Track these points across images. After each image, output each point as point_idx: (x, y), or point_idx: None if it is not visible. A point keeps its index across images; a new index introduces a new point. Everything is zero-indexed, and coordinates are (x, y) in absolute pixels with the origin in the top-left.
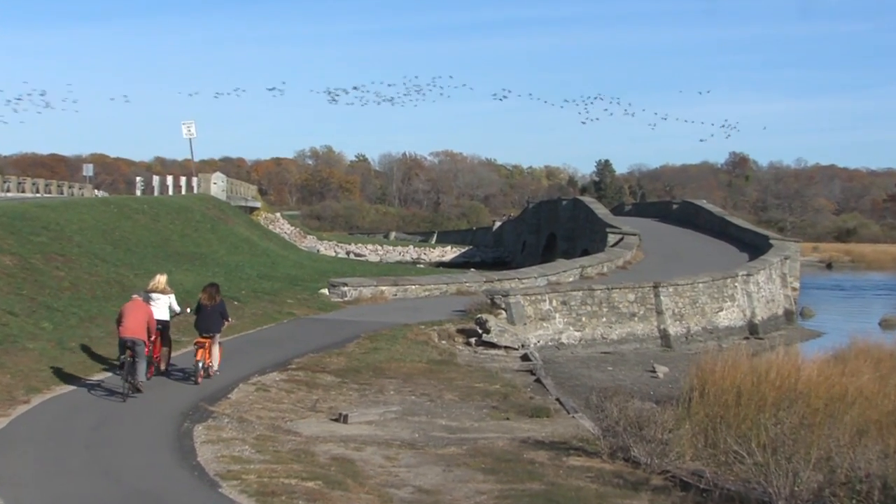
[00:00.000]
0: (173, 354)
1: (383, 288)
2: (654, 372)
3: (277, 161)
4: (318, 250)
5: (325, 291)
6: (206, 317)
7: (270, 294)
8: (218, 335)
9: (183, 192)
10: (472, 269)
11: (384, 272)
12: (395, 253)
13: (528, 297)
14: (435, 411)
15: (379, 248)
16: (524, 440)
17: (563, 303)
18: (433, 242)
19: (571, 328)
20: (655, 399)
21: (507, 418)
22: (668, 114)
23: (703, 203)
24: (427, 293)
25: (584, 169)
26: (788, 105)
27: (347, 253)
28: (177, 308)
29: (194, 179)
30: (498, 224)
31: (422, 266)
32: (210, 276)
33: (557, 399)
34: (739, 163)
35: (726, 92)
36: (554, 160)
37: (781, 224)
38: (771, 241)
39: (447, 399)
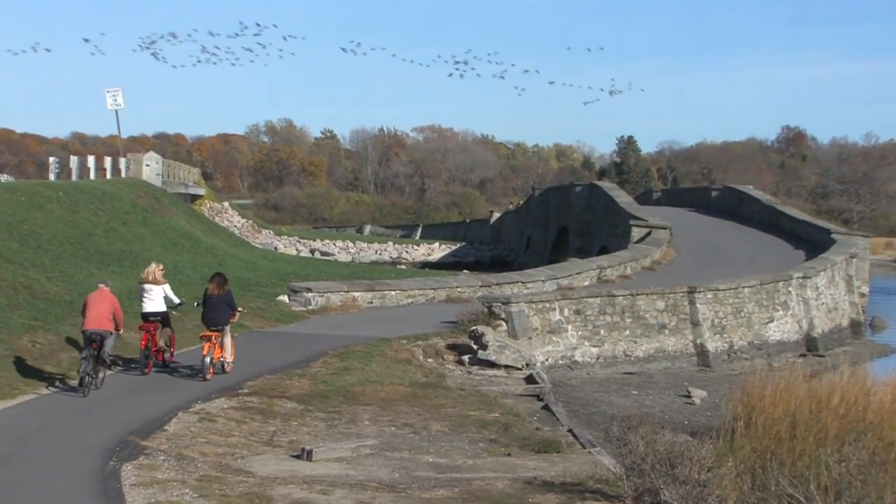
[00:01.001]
0: (190, 349)
1: (356, 294)
2: (688, 397)
3: (225, 138)
4: (275, 248)
5: (285, 299)
6: (213, 308)
7: None
8: (227, 327)
9: (108, 175)
10: (465, 271)
11: (357, 275)
12: (370, 251)
13: (533, 306)
14: (420, 445)
15: (351, 245)
16: (529, 481)
17: (577, 312)
18: (417, 238)
19: (587, 343)
20: (691, 430)
21: (509, 454)
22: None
23: (749, 189)
24: (410, 300)
25: (603, 147)
26: (852, 68)
27: (312, 251)
28: (175, 299)
29: (122, 161)
30: (497, 216)
31: (403, 267)
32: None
33: (570, 430)
34: (794, 140)
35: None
36: (565, 137)
37: (846, 215)
38: (833, 236)
39: (435, 430)
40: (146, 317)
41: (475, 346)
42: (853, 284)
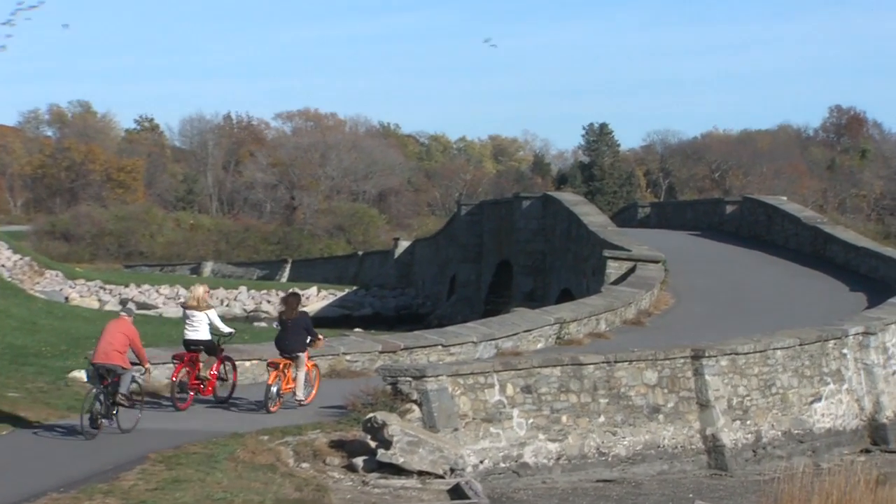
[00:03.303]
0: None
1: None
2: None
3: None
4: (66, 298)
5: (81, 375)
6: (285, 333)
7: None
8: (303, 355)
9: None
10: (358, 330)
11: None
12: (213, 302)
13: (461, 381)
14: None
15: (184, 292)
16: None
17: (527, 390)
18: (284, 280)
19: (542, 436)
20: None
21: None
22: None
23: (782, 202)
24: None
25: (564, 141)
26: None
27: (124, 302)
28: (223, 327)
29: None
30: (405, 246)
31: (264, 325)
32: None
33: None
34: (849, 127)
35: None
36: (507, 128)
37: None
38: None
39: None
40: (188, 345)
41: (373, 444)
42: None
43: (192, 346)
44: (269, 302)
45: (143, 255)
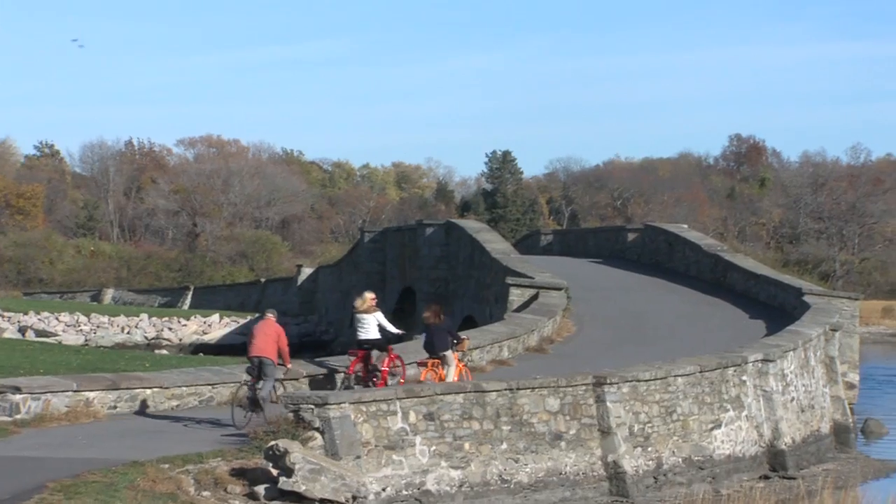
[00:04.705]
0: None
1: (91, 395)
2: None
3: None
4: None
5: None
6: (431, 336)
7: None
8: (448, 354)
9: None
10: None
11: (93, 365)
12: (113, 329)
13: (363, 409)
14: None
15: (84, 319)
16: None
17: (429, 417)
18: (186, 308)
19: (445, 463)
20: None
21: None
22: None
23: (683, 230)
24: (175, 403)
25: (467, 169)
26: (831, 49)
27: (22, 330)
28: (392, 329)
29: None
30: (308, 273)
31: (165, 353)
32: None
33: None
34: (748, 155)
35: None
36: (411, 155)
37: (826, 267)
38: (807, 299)
39: None
40: (360, 344)
41: (275, 472)
42: (836, 370)
43: (364, 344)
44: (170, 329)
45: (42, 282)
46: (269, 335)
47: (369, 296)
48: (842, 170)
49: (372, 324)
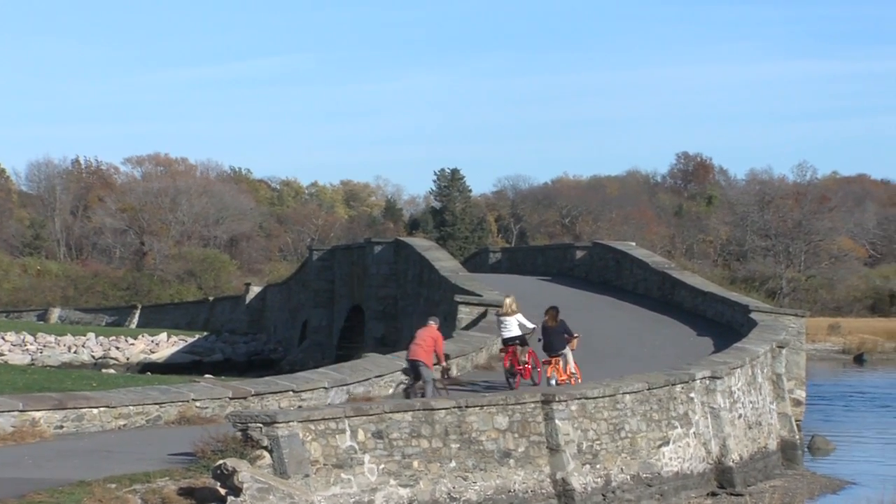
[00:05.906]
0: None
1: (37, 415)
2: None
3: None
4: None
5: None
6: (550, 337)
7: None
8: (564, 351)
9: None
10: (209, 376)
11: (39, 385)
12: (60, 348)
13: (312, 427)
14: None
15: (29, 339)
16: None
17: (378, 435)
18: (134, 326)
19: (394, 482)
20: None
21: None
22: None
23: (631, 248)
24: (122, 422)
25: (416, 187)
26: (777, 68)
27: None
28: (528, 324)
29: None
30: (256, 291)
31: (112, 372)
32: None
33: None
34: (696, 173)
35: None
36: (359, 173)
37: (773, 284)
38: (754, 316)
39: None
40: (506, 342)
41: (223, 491)
42: (783, 388)
43: (510, 342)
44: (117, 348)
45: None
46: (427, 340)
47: (509, 300)
48: (788, 188)
49: (514, 324)
